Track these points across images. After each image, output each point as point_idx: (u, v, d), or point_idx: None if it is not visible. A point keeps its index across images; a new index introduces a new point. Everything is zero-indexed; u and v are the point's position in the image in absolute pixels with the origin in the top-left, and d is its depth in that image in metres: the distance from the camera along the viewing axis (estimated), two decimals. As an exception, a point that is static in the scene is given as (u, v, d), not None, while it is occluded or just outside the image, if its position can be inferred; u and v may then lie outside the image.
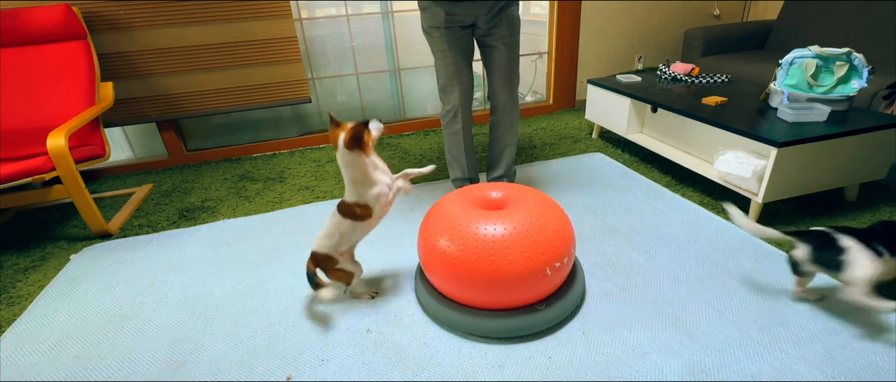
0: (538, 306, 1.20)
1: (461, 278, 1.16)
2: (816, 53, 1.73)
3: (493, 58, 1.69)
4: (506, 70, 1.69)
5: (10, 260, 1.75)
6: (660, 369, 1.07)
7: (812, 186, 1.63)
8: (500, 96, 1.75)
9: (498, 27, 1.62)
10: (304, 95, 2.60)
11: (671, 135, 2.10)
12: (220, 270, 1.57)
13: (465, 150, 1.83)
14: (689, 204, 1.79)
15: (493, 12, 1.59)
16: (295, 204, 2.04)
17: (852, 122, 1.59)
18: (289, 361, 1.17)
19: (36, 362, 1.22)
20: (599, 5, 2.94)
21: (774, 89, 1.82)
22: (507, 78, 1.71)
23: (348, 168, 1.17)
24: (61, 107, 1.99)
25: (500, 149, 1.86)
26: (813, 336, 1.14)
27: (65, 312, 1.42)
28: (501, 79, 1.71)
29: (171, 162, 2.64)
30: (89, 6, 2.16)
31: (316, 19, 2.65)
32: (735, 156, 1.64)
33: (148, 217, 2.02)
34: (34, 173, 1.67)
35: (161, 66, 2.35)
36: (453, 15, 1.59)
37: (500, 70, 1.70)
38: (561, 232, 1.19)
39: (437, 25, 1.62)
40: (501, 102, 1.76)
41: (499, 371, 1.10)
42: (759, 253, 1.47)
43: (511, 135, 1.82)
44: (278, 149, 2.77)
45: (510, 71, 1.70)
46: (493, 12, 1.59)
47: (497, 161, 1.89)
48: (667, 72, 2.44)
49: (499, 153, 1.87)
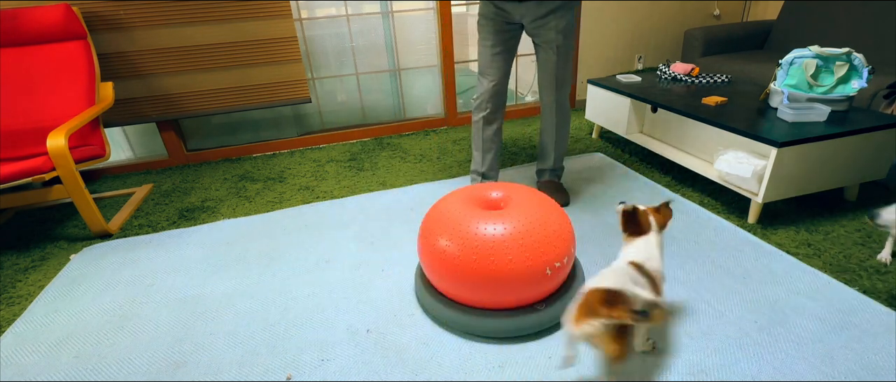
0: (538, 306, 1.20)
1: (461, 278, 1.16)
2: (816, 53, 1.73)
3: (540, 58, 1.70)
4: (552, 72, 1.68)
5: (10, 260, 1.75)
6: (660, 369, 1.07)
7: (812, 186, 1.63)
8: (545, 97, 1.76)
9: (544, 29, 1.61)
10: (304, 95, 2.60)
11: (671, 135, 2.10)
12: (220, 270, 1.57)
13: (482, 143, 1.84)
14: (690, 204, 1.79)
15: (539, 15, 1.58)
16: (295, 204, 2.04)
17: (852, 122, 1.59)
18: (289, 361, 1.17)
19: (36, 362, 1.22)
20: (599, 5, 2.94)
21: (774, 89, 1.82)
22: (552, 80, 1.70)
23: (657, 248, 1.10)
24: (61, 107, 1.99)
25: (544, 143, 1.88)
26: (813, 336, 1.14)
27: (65, 312, 1.42)
28: (546, 80, 1.71)
29: (171, 162, 2.64)
30: (89, 6, 2.16)
31: (316, 19, 2.65)
32: (735, 156, 1.64)
33: (148, 217, 2.02)
34: (34, 173, 1.67)
35: (161, 66, 2.35)
36: (501, 11, 1.62)
37: (545, 72, 1.70)
38: (561, 231, 1.19)
39: (486, 15, 1.66)
40: (546, 103, 1.77)
41: (499, 371, 1.10)
42: (759, 253, 1.47)
43: (555, 135, 1.82)
44: (278, 149, 2.77)
45: (558, 74, 1.68)
46: (538, 15, 1.58)
47: (543, 154, 1.92)
48: (667, 72, 2.44)
49: (543, 147, 1.90)
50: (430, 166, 2.35)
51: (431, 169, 2.32)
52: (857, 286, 1.30)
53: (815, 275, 1.35)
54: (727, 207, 1.76)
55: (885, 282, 1.31)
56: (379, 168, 2.38)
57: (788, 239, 1.54)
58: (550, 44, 1.63)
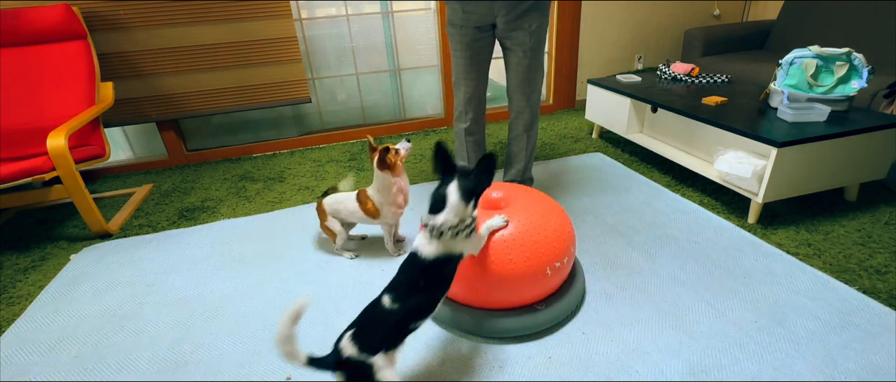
0: (538, 306, 1.20)
1: (461, 278, 1.16)
2: (816, 53, 1.73)
3: (510, 61, 1.64)
4: (523, 74, 1.63)
5: (10, 260, 1.75)
6: (660, 369, 1.07)
7: (812, 186, 1.63)
8: (516, 102, 1.69)
9: (518, 30, 1.55)
10: (304, 95, 2.60)
11: (671, 135, 2.10)
12: (220, 270, 1.57)
13: (467, 154, 1.83)
14: (689, 204, 1.79)
15: (515, 14, 1.53)
16: (295, 204, 2.04)
17: (852, 122, 1.59)
18: (289, 361, 1.17)
19: (36, 362, 1.22)
20: (599, 5, 2.94)
21: (774, 89, 1.82)
22: (522, 82, 1.64)
23: (378, 181, 1.46)
24: (61, 107, 1.99)
25: (514, 152, 1.80)
26: (813, 336, 1.14)
27: (65, 312, 1.42)
28: (516, 82, 1.65)
29: (171, 162, 2.64)
30: (89, 6, 2.16)
31: (316, 19, 2.65)
32: (735, 156, 1.64)
33: (148, 217, 2.02)
34: (34, 173, 1.67)
35: (161, 66, 2.35)
36: (469, 14, 1.55)
37: (515, 74, 1.64)
38: (561, 232, 1.19)
39: (454, 23, 1.61)
40: (516, 108, 1.70)
41: (499, 371, 1.10)
42: (759, 253, 1.47)
43: (525, 140, 1.75)
44: (278, 149, 2.76)
45: (529, 76, 1.63)
46: (514, 14, 1.53)
47: (510, 163, 1.85)
48: (667, 72, 2.44)
49: (513, 156, 1.82)
50: (430, 166, 2.35)
51: (431, 169, 2.32)
52: (857, 286, 1.30)
53: (815, 275, 1.35)
54: (727, 207, 1.76)
55: (885, 282, 1.31)
56: (379, 168, 2.38)
57: (788, 239, 1.54)
58: (523, 46, 1.57)
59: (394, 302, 0.90)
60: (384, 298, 0.91)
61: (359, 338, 0.86)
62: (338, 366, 0.86)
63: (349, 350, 0.85)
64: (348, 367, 0.85)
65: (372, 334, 0.87)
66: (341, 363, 0.85)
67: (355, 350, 0.85)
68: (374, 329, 0.88)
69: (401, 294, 0.91)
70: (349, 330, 0.88)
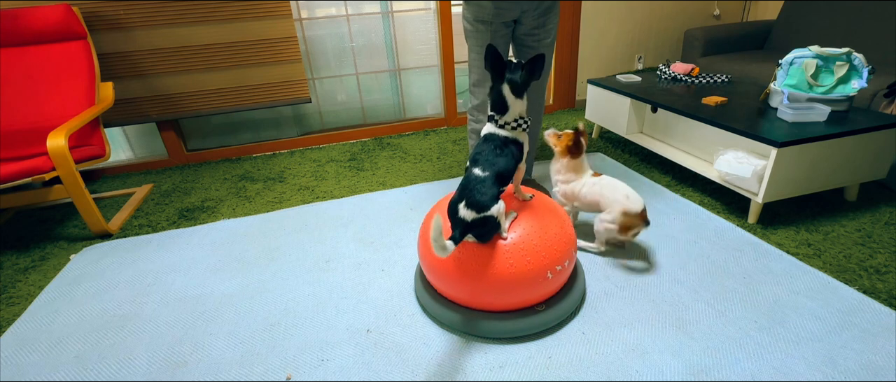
0: (538, 307, 1.20)
1: (461, 282, 1.16)
2: (816, 53, 1.73)
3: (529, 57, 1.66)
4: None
5: (10, 260, 1.75)
6: (660, 369, 1.07)
7: (812, 186, 1.63)
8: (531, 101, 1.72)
9: (542, 28, 1.59)
10: (304, 95, 2.60)
11: (671, 135, 2.09)
12: (220, 270, 1.57)
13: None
14: (689, 204, 1.79)
15: (541, 10, 1.56)
16: (295, 204, 2.04)
17: (852, 122, 1.59)
18: (289, 361, 1.17)
19: (36, 362, 1.22)
20: (599, 5, 2.94)
21: (774, 89, 1.82)
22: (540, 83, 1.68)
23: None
24: (61, 107, 1.99)
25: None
26: (813, 336, 1.14)
27: (65, 312, 1.42)
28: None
29: (171, 162, 2.64)
30: (89, 6, 2.16)
31: (316, 19, 2.65)
32: (735, 156, 1.64)
33: (148, 217, 2.02)
34: (34, 173, 1.67)
35: (161, 66, 2.35)
36: (501, 10, 1.56)
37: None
38: (562, 235, 1.19)
39: (484, 19, 1.58)
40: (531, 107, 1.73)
41: (499, 371, 1.10)
42: (759, 253, 1.47)
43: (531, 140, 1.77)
44: (278, 149, 2.76)
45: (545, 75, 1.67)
46: (541, 10, 1.56)
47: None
48: (667, 72, 2.44)
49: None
50: (430, 166, 2.35)
51: (431, 169, 2.32)
52: (857, 286, 1.30)
53: (815, 275, 1.35)
54: (727, 207, 1.76)
55: (885, 282, 1.31)
56: (379, 168, 2.38)
57: (788, 239, 1.54)
58: (543, 42, 1.60)
59: (484, 170, 1.10)
60: (475, 171, 1.11)
61: (472, 205, 1.07)
62: (467, 230, 1.09)
63: (470, 215, 1.07)
64: (476, 225, 1.08)
65: (482, 194, 1.07)
66: (468, 226, 1.08)
67: (474, 213, 1.07)
68: (481, 191, 1.08)
69: (487, 164, 1.11)
70: (461, 203, 1.09)
